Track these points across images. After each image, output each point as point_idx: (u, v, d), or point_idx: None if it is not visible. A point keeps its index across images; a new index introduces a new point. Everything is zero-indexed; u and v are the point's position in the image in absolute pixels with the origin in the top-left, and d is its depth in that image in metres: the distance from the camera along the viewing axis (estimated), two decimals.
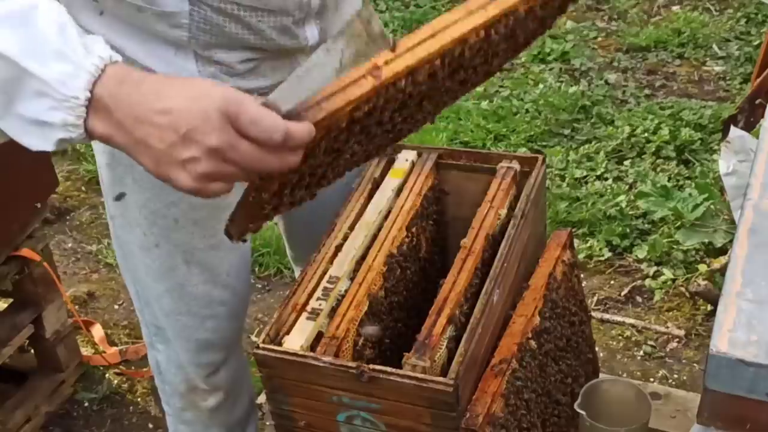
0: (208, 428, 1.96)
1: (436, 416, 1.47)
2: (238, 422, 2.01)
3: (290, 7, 1.47)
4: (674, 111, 3.65)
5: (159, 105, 1.03)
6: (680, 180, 3.30)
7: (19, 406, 2.53)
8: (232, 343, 1.87)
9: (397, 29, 4.53)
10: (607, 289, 2.95)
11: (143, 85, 1.05)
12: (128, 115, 1.05)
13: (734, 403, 1.13)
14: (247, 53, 1.51)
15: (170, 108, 1.02)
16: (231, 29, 1.45)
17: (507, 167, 1.79)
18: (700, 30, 4.26)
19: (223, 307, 1.78)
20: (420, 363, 1.46)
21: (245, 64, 1.52)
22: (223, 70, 1.51)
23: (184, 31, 1.43)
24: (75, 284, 3.13)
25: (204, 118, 1.01)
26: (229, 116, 1.01)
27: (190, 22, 1.42)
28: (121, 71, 1.07)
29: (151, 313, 1.79)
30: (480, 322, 1.55)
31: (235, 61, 1.51)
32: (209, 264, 1.71)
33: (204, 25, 1.43)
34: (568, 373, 1.89)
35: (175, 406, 1.96)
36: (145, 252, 1.69)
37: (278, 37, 1.50)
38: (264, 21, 1.46)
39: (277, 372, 1.54)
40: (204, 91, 1.03)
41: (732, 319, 1.14)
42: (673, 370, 2.65)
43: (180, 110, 1.02)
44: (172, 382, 1.89)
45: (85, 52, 1.06)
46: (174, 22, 1.42)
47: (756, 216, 1.29)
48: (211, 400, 1.90)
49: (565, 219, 3.14)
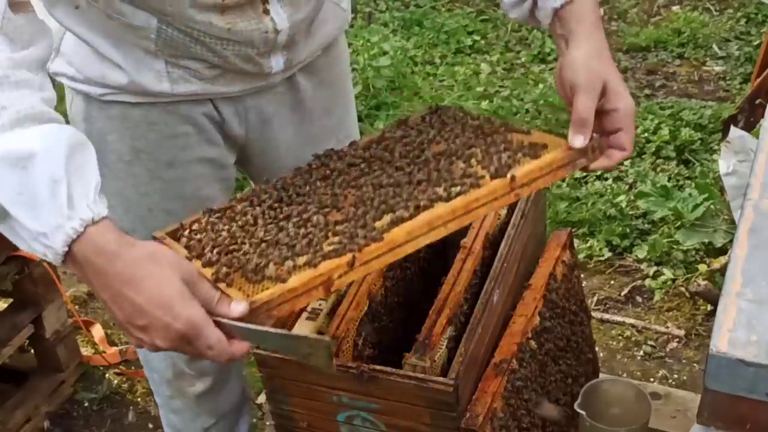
0: (197, 416, 1.96)
1: (436, 416, 1.47)
2: (229, 411, 2.01)
3: (255, 41, 1.49)
4: (674, 111, 3.65)
5: (129, 293, 1.12)
6: (680, 180, 3.30)
7: (19, 406, 2.53)
8: None
9: (397, 29, 4.53)
10: (607, 289, 2.95)
11: (117, 263, 1.12)
12: (100, 283, 1.14)
13: (734, 403, 1.13)
14: (213, 65, 1.53)
15: (139, 304, 1.12)
16: (196, 50, 1.48)
17: None
18: (700, 30, 4.26)
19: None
20: (420, 363, 1.46)
21: (212, 71, 1.54)
22: (190, 73, 1.53)
23: (151, 43, 1.46)
24: (75, 284, 3.13)
25: (165, 329, 1.12)
26: (188, 337, 1.12)
27: (156, 38, 1.45)
28: (100, 240, 1.12)
29: None
30: (480, 322, 1.55)
31: (201, 68, 1.53)
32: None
33: (170, 41, 1.46)
34: (568, 373, 1.89)
35: (164, 395, 1.97)
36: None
37: (242, 63, 1.52)
38: (228, 49, 1.48)
39: (277, 372, 1.54)
40: (172, 307, 1.11)
41: (732, 319, 1.14)
42: (673, 370, 2.65)
43: (146, 311, 1.12)
44: (159, 368, 1.91)
45: (69, 213, 1.10)
46: (142, 35, 1.45)
47: (756, 216, 1.29)
48: (199, 385, 1.91)
49: (565, 219, 3.14)
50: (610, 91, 1.34)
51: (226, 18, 1.43)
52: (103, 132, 1.59)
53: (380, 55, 4.02)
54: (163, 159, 1.62)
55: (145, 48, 1.48)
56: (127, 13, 1.42)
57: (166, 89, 1.53)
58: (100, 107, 1.58)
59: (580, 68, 1.34)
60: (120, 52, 1.49)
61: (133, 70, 1.51)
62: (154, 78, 1.51)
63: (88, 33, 1.49)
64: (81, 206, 1.11)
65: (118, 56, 1.50)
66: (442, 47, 4.38)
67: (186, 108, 1.58)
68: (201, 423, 1.99)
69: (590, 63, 1.34)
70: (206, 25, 1.43)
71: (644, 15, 4.51)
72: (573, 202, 3.23)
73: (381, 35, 4.30)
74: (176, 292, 1.12)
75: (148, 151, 1.60)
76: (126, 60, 1.50)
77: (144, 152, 1.61)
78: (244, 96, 1.61)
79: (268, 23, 1.47)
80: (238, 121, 1.65)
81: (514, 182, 1.33)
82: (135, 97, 1.55)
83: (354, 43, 4.08)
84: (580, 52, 1.35)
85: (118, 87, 1.53)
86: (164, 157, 1.62)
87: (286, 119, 1.69)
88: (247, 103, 1.62)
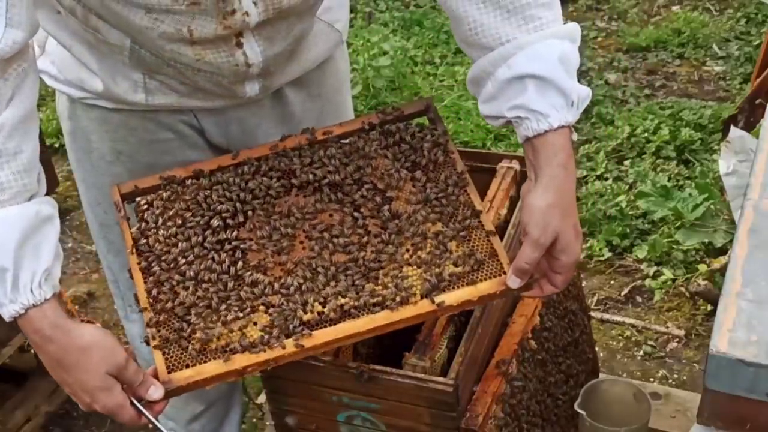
0: (187, 403, 1.96)
1: (435, 416, 1.47)
2: (218, 397, 2.01)
3: (225, 72, 1.46)
4: (674, 111, 3.65)
5: (59, 372, 1.33)
6: (680, 180, 3.30)
7: (19, 406, 2.53)
8: None
9: (397, 29, 4.53)
10: (607, 289, 2.94)
11: (50, 346, 1.30)
12: (39, 351, 1.32)
13: (734, 403, 1.13)
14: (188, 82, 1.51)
15: (68, 383, 1.33)
16: (168, 72, 1.47)
17: (507, 167, 1.79)
18: (700, 30, 4.25)
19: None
20: (420, 363, 1.46)
21: (187, 87, 1.53)
22: (166, 86, 1.52)
23: (125, 58, 1.46)
24: (75, 284, 3.13)
25: (87, 407, 1.34)
26: (112, 413, 1.34)
27: (130, 55, 1.45)
28: (37, 323, 1.28)
29: (122, 284, 1.81)
30: (480, 322, 1.55)
31: (176, 84, 1.52)
32: None
33: (143, 60, 1.46)
34: (568, 373, 1.89)
35: None
36: (106, 229, 1.74)
37: (214, 88, 1.51)
38: (198, 75, 1.47)
39: (277, 372, 1.54)
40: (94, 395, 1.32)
41: (732, 319, 1.14)
42: (673, 370, 2.65)
43: (73, 390, 1.34)
44: (146, 354, 1.90)
45: (12, 297, 1.25)
46: (116, 51, 1.45)
47: (756, 216, 1.29)
48: None
49: None
50: (559, 242, 1.33)
51: (195, 49, 1.40)
52: (87, 131, 1.60)
53: (380, 55, 4.02)
54: (144, 161, 1.61)
55: (122, 61, 1.48)
56: (102, 30, 1.42)
57: (141, 100, 1.52)
58: (82, 108, 1.59)
59: (536, 220, 1.32)
60: (97, 61, 1.50)
61: (109, 80, 1.51)
62: (129, 88, 1.51)
63: (68, 39, 1.49)
64: (25, 292, 1.26)
65: (95, 65, 1.50)
66: (442, 47, 4.37)
67: (165, 116, 1.58)
68: (191, 410, 1.98)
69: (546, 216, 1.31)
70: (176, 54, 1.41)
71: (644, 15, 4.51)
72: None
73: (381, 35, 4.30)
74: (98, 384, 1.29)
75: (128, 154, 1.61)
76: (102, 69, 1.50)
77: (124, 154, 1.61)
78: (225, 108, 1.59)
79: (239, 57, 1.43)
80: (219, 132, 1.63)
81: (440, 307, 1.37)
82: (113, 103, 1.55)
83: (354, 43, 4.08)
84: (540, 201, 1.32)
85: (95, 93, 1.54)
86: (144, 160, 1.61)
87: (272, 130, 1.65)
88: (229, 114, 1.60)
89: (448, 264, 1.39)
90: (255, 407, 2.54)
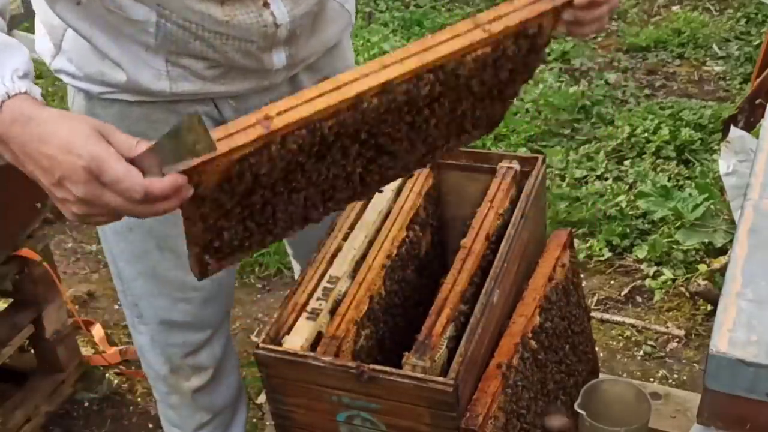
0: (195, 412, 1.97)
1: (436, 416, 1.47)
2: (224, 406, 2.02)
3: (254, 36, 1.48)
4: (674, 111, 3.65)
5: (42, 148, 1.12)
6: (680, 180, 3.30)
7: (19, 406, 2.53)
8: (212, 326, 1.89)
9: (397, 29, 4.53)
10: (607, 289, 2.94)
11: (29, 125, 1.14)
12: (19, 150, 1.15)
13: (734, 403, 1.13)
14: (213, 63, 1.52)
15: (49, 154, 1.12)
16: (195, 46, 1.47)
17: (507, 167, 1.79)
18: (700, 30, 4.26)
19: (197, 293, 1.79)
20: (420, 363, 1.46)
21: (212, 71, 1.53)
22: (190, 72, 1.52)
23: (151, 38, 1.46)
24: (75, 284, 3.13)
25: (72, 171, 1.10)
26: (92, 173, 1.09)
27: (156, 32, 1.44)
28: (16, 109, 1.14)
29: (131, 293, 1.81)
30: (480, 322, 1.55)
31: (202, 68, 1.52)
32: (182, 250, 1.71)
33: (170, 36, 1.45)
34: (568, 373, 1.89)
35: (161, 391, 1.98)
36: (120, 236, 1.73)
37: (242, 59, 1.51)
38: (228, 44, 1.47)
39: (277, 372, 1.54)
40: (75, 146, 1.10)
41: (732, 319, 1.14)
42: (673, 370, 2.65)
43: (54, 158, 1.11)
44: (155, 364, 1.92)
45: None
46: (142, 29, 1.45)
47: (756, 216, 1.29)
48: (195, 380, 1.92)
49: (565, 219, 3.14)
50: None
51: (225, 9, 1.42)
52: None
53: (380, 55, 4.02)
54: None
55: (145, 44, 1.47)
56: (127, 7, 1.41)
57: (165, 88, 1.52)
58: (101, 105, 1.58)
59: None
60: (120, 49, 1.49)
61: (132, 69, 1.50)
62: (153, 77, 1.51)
63: (89, 29, 1.48)
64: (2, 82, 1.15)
65: (117, 54, 1.49)
66: None
67: (186, 107, 1.58)
68: (198, 419, 1.99)
69: None
70: (205, 17, 1.42)
71: (644, 15, 4.51)
72: (573, 202, 3.23)
73: (381, 35, 4.30)
74: (81, 135, 1.11)
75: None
76: (125, 58, 1.49)
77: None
78: (246, 96, 1.61)
79: (267, 17, 1.46)
80: None
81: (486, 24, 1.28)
82: (134, 95, 1.55)
83: (354, 43, 4.08)
84: None
85: (118, 85, 1.53)
86: None
87: None
88: (249, 102, 1.61)
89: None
90: (255, 407, 2.54)
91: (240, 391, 2.09)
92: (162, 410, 2.05)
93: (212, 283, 1.80)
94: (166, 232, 1.68)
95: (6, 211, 2.30)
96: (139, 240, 1.71)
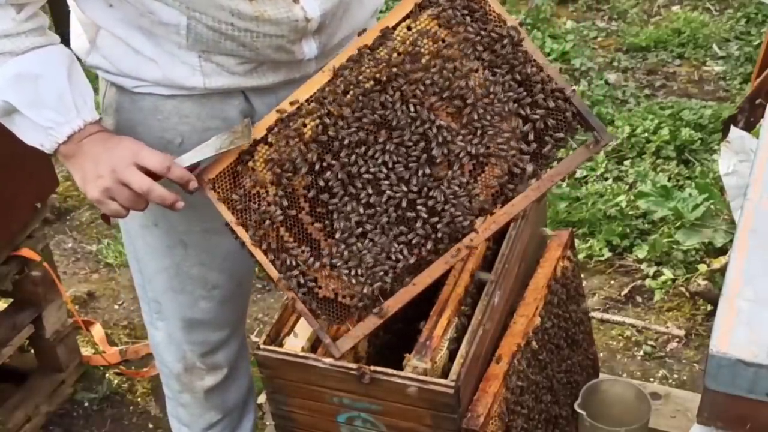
0: (206, 411, 1.97)
1: (437, 417, 1.47)
2: (235, 406, 2.02)
3: (285, 30, 1.48)
4: (674, 111, 3.65)
5: (104, 155, 1.46)
6: (680, 180, 3.30)
7: (19, 406, 2.53)
8: (231, 325, 1.89)
9: None
10: (607, 289, 2.94)
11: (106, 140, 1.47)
12: (87, 158, 1.47)
13: (734, 403, 1.13)
14: (245, 60, 1.52)
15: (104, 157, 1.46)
16: (226, 45, 1.48)
17: None
18: (700, 30, 4.25)
19: (218, 290, 1.79)
20: (421, 365, 1.46)
21: (244, 66, 1.53)
22: (223, 68, 1.53)
23: (183, 39, 1.47)
24: (75, 284, 3.13)
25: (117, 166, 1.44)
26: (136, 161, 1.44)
27: (187, 33, 1.46)
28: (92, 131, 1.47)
29: (152, 289, 1.81)
30: (481, 323, 1.55)
31: (234, 64, 1.52)
32: (205, 247, 1.73)
33: (201, 37, 1.46)
34: (568, 372, 1.89)
35: (173, 389, 1.98)
36: (145, 230, 1.73)
37: (273, 53, 1.52)
38: (258, 40, 1.48)
39: (277, 373, 1.54)
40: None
41: (732, 319, 1.14)
42: (673, 370, 2.65)
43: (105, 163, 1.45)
44: (169, 362, 1.91)
45: (77, 114, 1.46)
46: (173, 31, 1.46)
47: (756, 216, 1.29)
48: (208, 380, 1.92)
49: (565, 219, 3.14)
50: None
51: (254, 5, 1.43)
52: (132, 123, 1.60)
53: None
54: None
55: (178, 43, 1.48)
56: (158, 11, 1.43)
57: (198, 84, 1.53)
58: (132, 99, 1.59)
59: None
60: (153, 47, 1.50)
61: (166, 65, 1.51)
62: (187, 72, 1.52)
63: (122, 30, 1.50)
64: (84, 111, 1.46)
65: (151, 51, 1.51)
66: None
67: (218, 100, 1.58)
68: (208, 418, 1.99)
69: None
70: (234, 15, 1.42)
71: (644, 15, 4.50)
72: (573, 202, 3.23)
73: None
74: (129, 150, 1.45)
75: (177, 144, 1.60)
76: (159, 55, 1.51)
77: (173, 144, 1.60)
78: (277, 88, 1.60)
79: (298, 12, 1.46)
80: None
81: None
82: (168, 89, 1.56)
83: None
84: None
85: (152, 81, 1.55)
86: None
87: None
88: (280, 94, 1.60)
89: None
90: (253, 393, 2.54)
91: (250, 392, 2.09)
92: (171, 408, 2.04)
93: (232, 282, 1.80)
94: (190, 228, 1.69)
95: (6, 210, 2.30)
96: (164, 234, 1.72)
